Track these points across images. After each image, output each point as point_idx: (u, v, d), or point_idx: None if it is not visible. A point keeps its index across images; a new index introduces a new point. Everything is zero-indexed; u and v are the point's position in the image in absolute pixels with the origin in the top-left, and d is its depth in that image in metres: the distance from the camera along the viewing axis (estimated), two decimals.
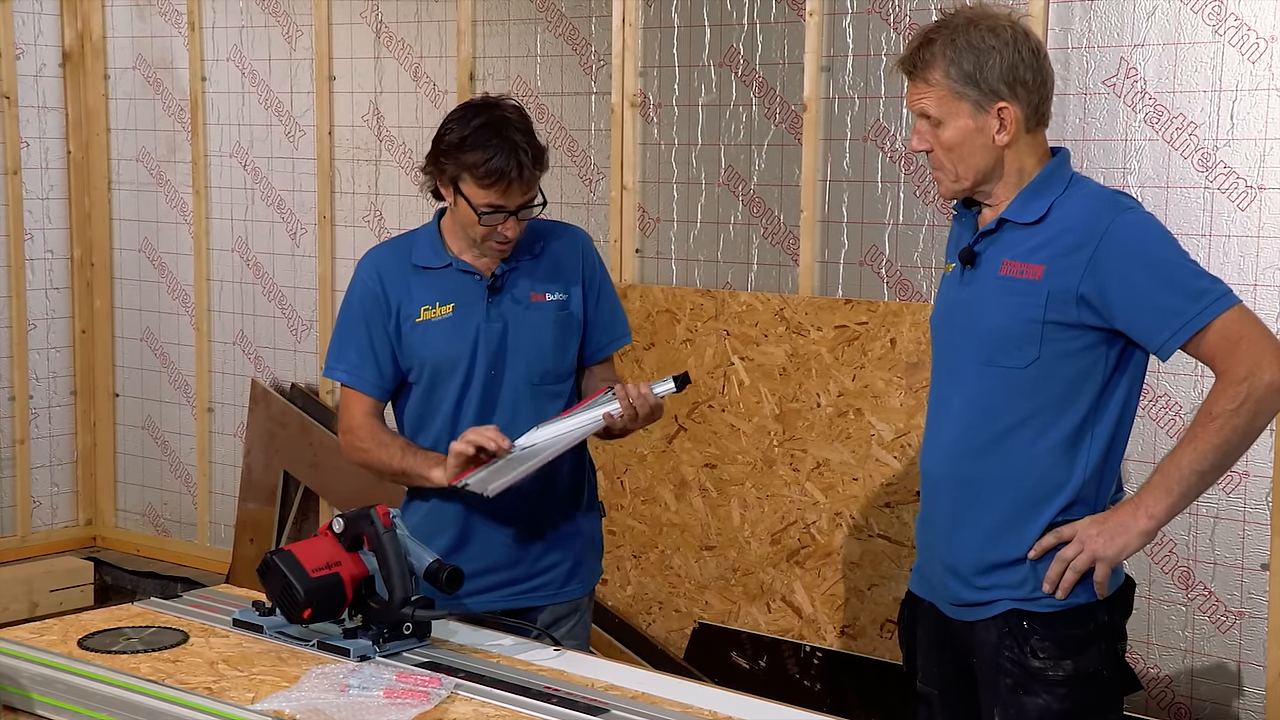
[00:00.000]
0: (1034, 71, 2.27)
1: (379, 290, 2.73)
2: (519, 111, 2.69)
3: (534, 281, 2.75)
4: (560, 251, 2.79)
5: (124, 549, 5.58)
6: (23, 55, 5.37)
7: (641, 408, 2.60)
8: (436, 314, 2.70)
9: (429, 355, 2.71)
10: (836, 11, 3.84)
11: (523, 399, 2.72)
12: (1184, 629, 3.40)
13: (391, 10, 4.77)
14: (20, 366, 5.40)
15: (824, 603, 3.85)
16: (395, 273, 2.74)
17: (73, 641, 2.30)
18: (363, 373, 2.73)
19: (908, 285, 3.79)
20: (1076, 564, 2.22)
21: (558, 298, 2.75)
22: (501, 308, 2.72)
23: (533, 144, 2.64)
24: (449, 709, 2.04)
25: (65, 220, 5.53)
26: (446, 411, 2.72)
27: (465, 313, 2.71)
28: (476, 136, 2.62)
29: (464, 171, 2.62)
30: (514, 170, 2.59)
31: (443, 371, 2.71)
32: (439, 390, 2.71)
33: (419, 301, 2.72)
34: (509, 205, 2.63)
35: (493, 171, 2.59)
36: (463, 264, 2.72)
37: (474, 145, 2.61)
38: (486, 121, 2.63)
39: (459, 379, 2.70)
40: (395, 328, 2.72)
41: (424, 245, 2.76)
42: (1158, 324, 2.19)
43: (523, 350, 2.72)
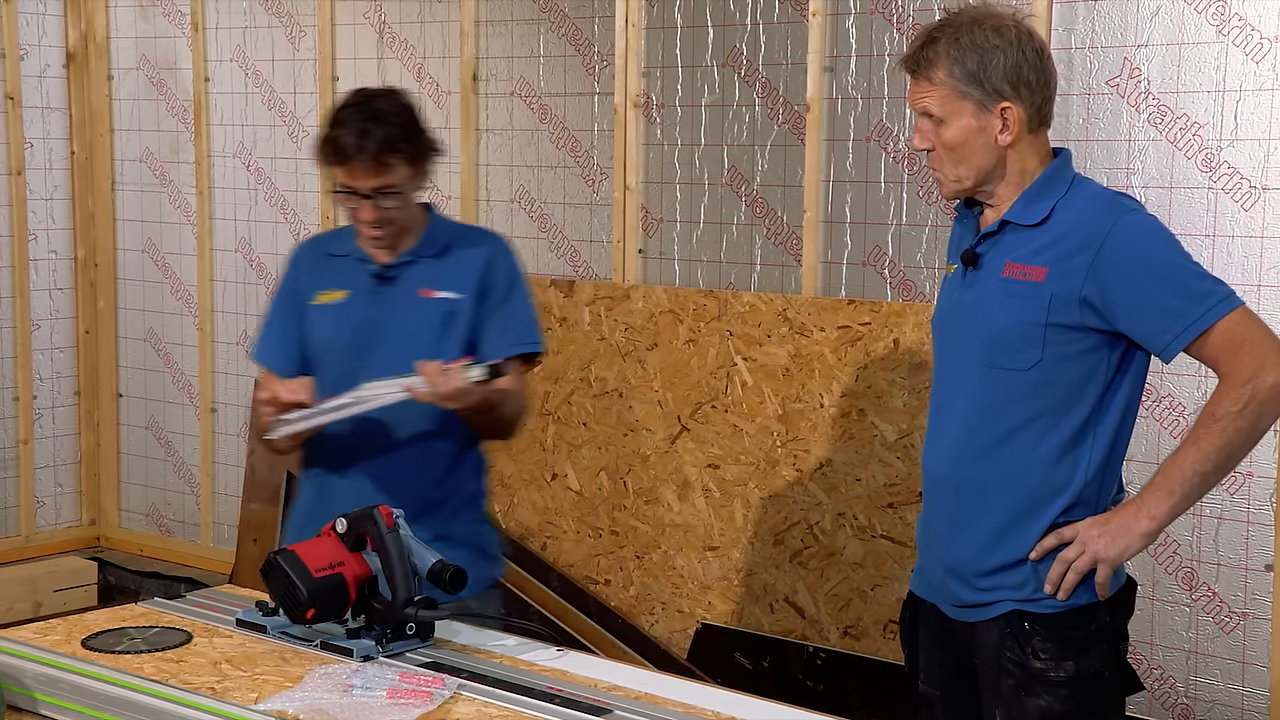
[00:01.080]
0: (1038, 72, 2.26)
1: (294, 276, 2.87)
2: (393, 99, 2.73)
3: (427, 279, 2.79)
4: (466, 255, 2.82)
5: (127, 549, 5.58)
6: (27, 56, 5.37)
7: (441, 387, 2.57)
8: (330, 299, 2.80)
9: (318, 336, 2.81)
10: (839, 12, 3.84)
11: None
12: (1187, 630, 3.39)
13: (395, 11, 4.77)
14: (24, 367, 5.41)
15: (827, 603, 3.85)
16: (309, 260, 2.88)
17: (76, 641, 2.30)
18: (273, 354, 2.85)
19: (911, 286, 3.79)
20: (1078, 565, 2.22)
21: (447, 297, 2.78)
22: (387, 298, 2.77)
23: (388, 128, 2.65)
24: (452, 709, 2.04)
25: (69, 221, 5.54)
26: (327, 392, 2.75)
27: (353, 300, 2.79)
28: (336, 116, 2.70)
29: (320, 149, 2.70)
30: (354, 149, 2.63)
31: (323, 353, 2.79)
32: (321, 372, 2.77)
33: (320, 286, 2.83)
34: (358, 187, 2.68)
35: (336, 148, 2.65)
36: (360, 253, 2.81)
37: (333, 125, 2.69)
38: (353, 103, 2.71)
39: (336, 362, 2.77)
40: (301, 312, 2.83)
41: (343, 234, 2.87)
42: (1161, 326, 2.19)
43: (396, 342, 2.75)
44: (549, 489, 4.36)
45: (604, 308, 4.24)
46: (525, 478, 4.40)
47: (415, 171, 2.73)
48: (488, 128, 4.57)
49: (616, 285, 4.24)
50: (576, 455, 4.29)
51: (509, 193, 4.55)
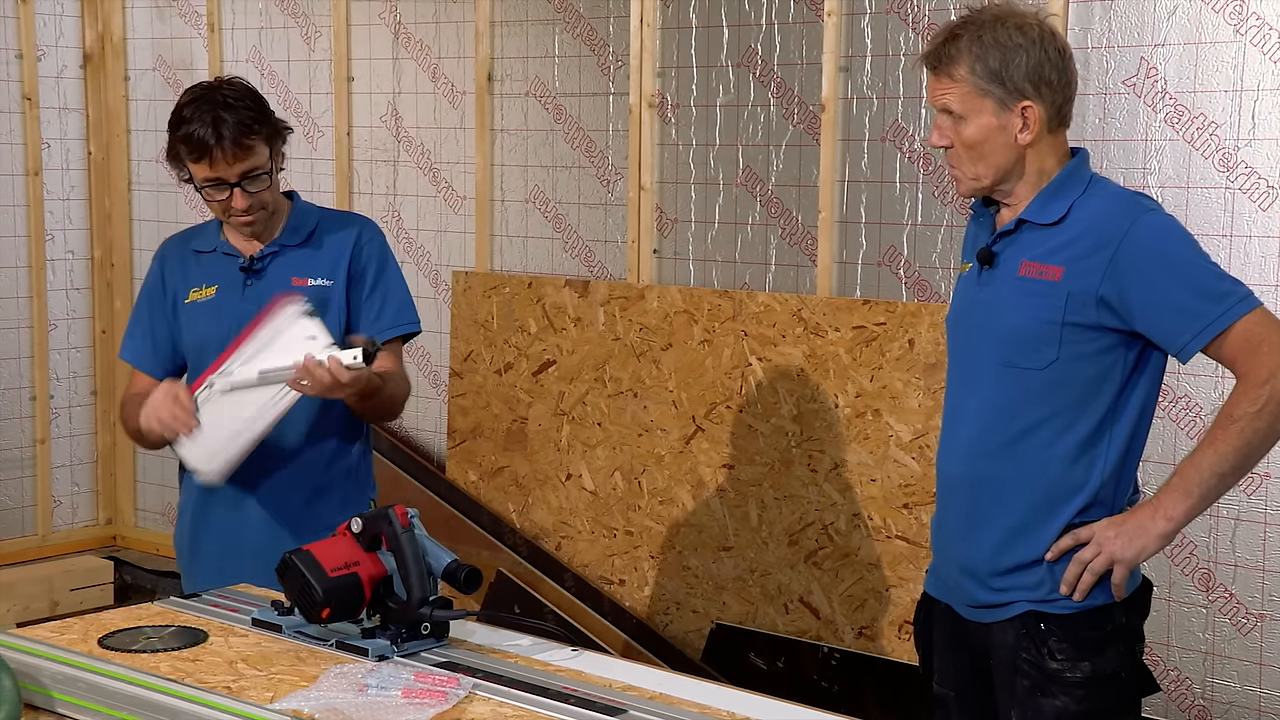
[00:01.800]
0: (1059, 71, 2.26)
1: (159, 275, 2.86)
2: (235, 85, 2.75)
3: (297, 267, 2.80)
4: (333, 240, 2.83)
5: (144, 548, 5.60)
6: (44, 57, 5.39)
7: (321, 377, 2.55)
8: (201, 296, 2.81)
9: (192, 335, 2.82)
10: (855, 12, 3.83)
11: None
12: (1204, 631, 3.38)
13: (410, 11, 4.78)
14: (41, 366, 5.43)
15: (841, 604, 3.84)
16: (175, 257, 2.87)
17: (93, 640, 2.31)
18: (142, 353, 2.86)
19: (926, 286, 3.78)
20: (1094, 566, 2.21)
21: (321, 283, 2.79)
22: (259, 290, 2.77)
23: (239, 112, 2.67)
24: (467, 709, 2.04)
25: (86, 221, 5.56)
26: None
27: (224, 295, 2.80)
28: (184, 112, 2.69)
29: (177, 146, 2.69)
30: (212, 138, 2.64)
31: (203, 352, 2.79)
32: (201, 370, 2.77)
33: (190, 284, 2.83)
34: (226, 177, 2.68)
35: (195, 143, 2.65)
36: (226, 246, 2.81)
37: (181, 121, 2.68)
38: (196, 97, 2.71)
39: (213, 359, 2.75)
40: (171, 310, 2.83)
41: (207, 230, 2.88)
42: (1179, 326, 2.18)
43: None
44: (564, 489, 4.36)
45: (619, 308, 4.24)
46: (540, 478, 4.41)
47: (273, 151, 2.75)
48: (503, 128, 4.57)
49: (631, 285, 4.24)
50: (591, 455, 4.30)
51: (524, 193, 4.55)
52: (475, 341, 4.55)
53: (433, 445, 4.81)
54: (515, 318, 4.46)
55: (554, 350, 4.37)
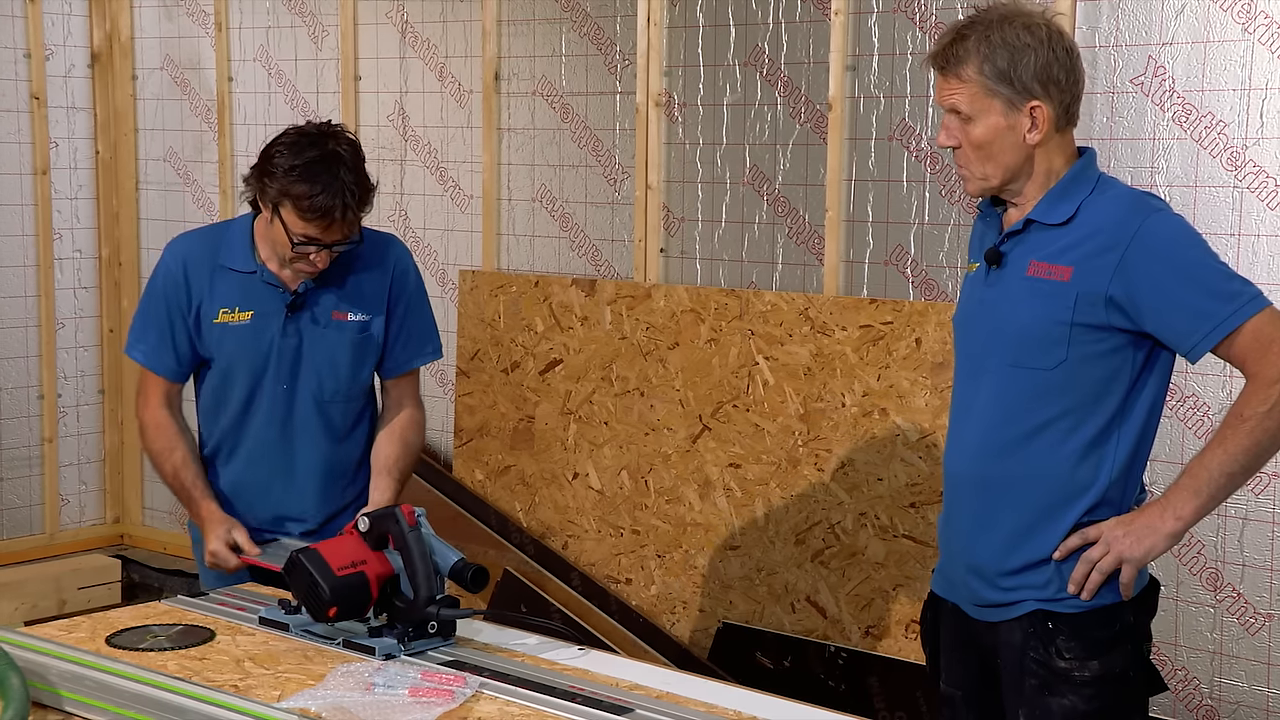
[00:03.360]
0: (1067, 71, 2.25)
1: (182, 280, 2.78)
2: (353, 148, 2.70)
3: (338, 300, 2.78)
4: (370, 270, 2.80)
5: (151, 547, 5.61)
6: (52, 56, 5.40)
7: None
8: (235, 319, 2.76)
9: (223, 356, 2.78)
10: (862, 11, 3.83)
11: (310, 413, 2.80)
12: (1212, 631, 3.37)
13: (417, 10, 4.78)
14: (49, 365, 5.44)
15: (848, 603, 3.84)
16: (200, 266, 2.78)
17: (100, 639, 2.31)
18: (160, 356, 2.82)
19: (933, 285, 3.77)
20: (1102, 565, 2.21)
21: (359, 319, 2.79)
22: (300, 324, 2.76)
23: (361, 185, 2.65)
24: (474, 708, 2.04)
25: (93, 220, 5.57)
26: (235, 410, 2.80)
27: (263, 323, 2.76)
28: (307, 170, 2.62)
29: (287, 200, 2.63)
30: (338, 211, 2.62)
31: (235, 374, 2.78)
32: (231, 389, 2.79)
33: (219, 302, 2.76)
34: (325, 240, 2.66)
35: (317, 209, 2.61)
36: (268, 274, 2.76)
37: (302, 178, 2.61)
38: (320, 156, 2.63)
39: (249, 385, 2.77)
40: (195, 320, 2.78)
41: (234, 245, 2.79)
42: (1188, 327, 2.18)
43: (316, 368, 2.78)
44: (570, 488, 4.36)
45: (625, 307, 4.24)
46: (547, 477, 4.41)
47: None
48: (509, 127, 4.57)
49: (638, 284, 4.24)
50: (598, 454, 4.30)
51: (531, 192, 4.55)
52: (482, 340, 4.56)
53: (439, 444, 4.81)
54: (522, 317, 4.46)
55: (561, 349, 4.37)
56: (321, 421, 2.81)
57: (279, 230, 2.67)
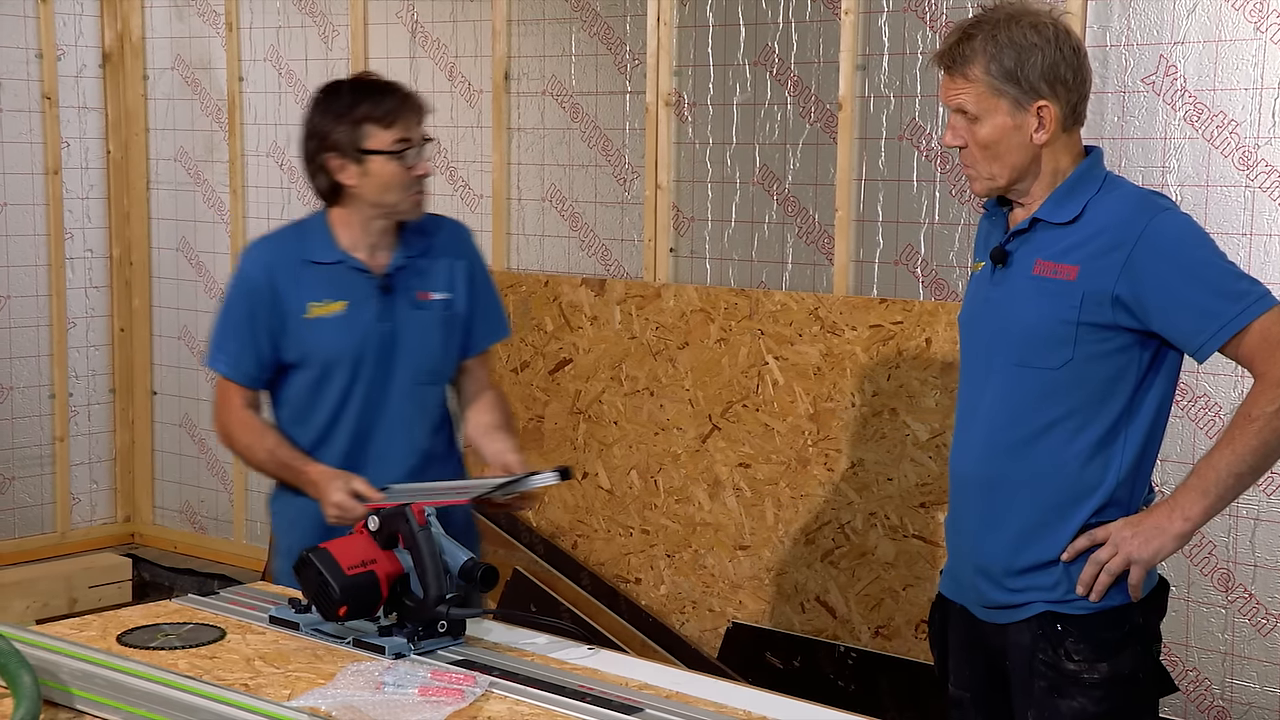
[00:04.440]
0: (1074, 70, 2.25)
1: (266, 284, 2.72)
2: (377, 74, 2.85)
3: (422, 280, 2.78)
4: (445, 248, 2.82)
5: (162, 546, 5.62)
6: (64, 56, 5.42)
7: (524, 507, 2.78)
8: (327, 311, 2.73)
9: (318, 351, 2.74)
10: (872, 10, 3.82)
11: (407, 397, 2.78)
12: (1223, 631, 3.36)
13: (427, 10, 4.78)
14: (60, 364, 5.45)
15: (858, 603, 3.84)
16: (285, 266, 2.75)
17: (111, 637, 2.32)
18: (243, 365, 2.76)
19: (943, 285, 3.77)
20: (1110, 566, 2.21)
21: (443, 297, 2.79)
22: (392, 307, 2.75)
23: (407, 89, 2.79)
24: (483, 707, 2.04)
25: (104, 219, 5.58)
26: (332, 405, 2.75)
27: (357, 311, 2.73)
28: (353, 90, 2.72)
29: (366, 122, 2.67)
30: (406, 99, 2.71)
31: (331, 367, 2.74)
32: (326, 385, 2.75)
33: (308, 297, 2.73)
34: (414, 138, 2.70)
35: (390, 108, 2.69)
36: (355, 261, 2.74)
37: (362, 99, 2.70)
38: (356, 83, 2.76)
39: (346, 376, 2.74)
40: (281, 322, 2.73)
41: (315, 240, 2.78)
42: (1195, 326, 2.17)
43: (411, 350, 2.76)
44: (580, 487, 4.36)
45: (635, 306, 4.24)
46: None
47: None
48: (519, 126, 4.58)
49: (648, 284, 4.24)
50: (607, 454, 4.30)
51: (540, 191, 4.55)
52: None
53: None
54: (532, 316, 4.46)
55: (570, 349, 4.37)
56: (417, 406, 2.79)
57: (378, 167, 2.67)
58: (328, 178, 2.73)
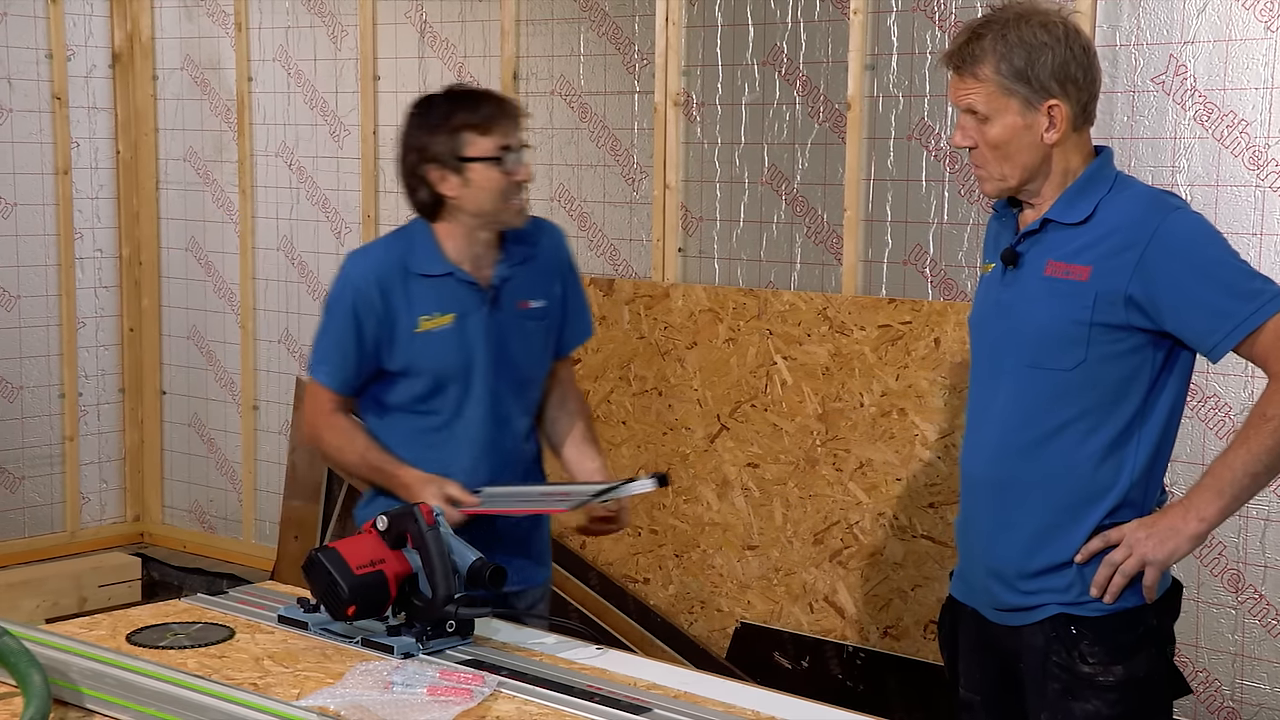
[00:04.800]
0: (1084, 69, 2.24)
1: (377, 296, 2.68)
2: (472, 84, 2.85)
3: (524, 289, 2.77)
4: (544, 255, 2.82)
5: (171, 545, 5.63)
6: (73, 57, 5.43)
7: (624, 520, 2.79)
8: (436, 324, 2.70)
9: (430, 365, 2.70)
10: (881, 10, 3.82)
11: (513, 404, 2.78)
12: (1234, 633, 3.36)
13: (436, 10, 4.79)
14: (70, 364, 5.46)
15: (867, 603, 3.83)
16: (394, 278, 2.70)
17: (121, 636, 2.32)
18: (344, 376, 2.73)
19: (952, 285, 3.76)
20: (1125, 568, 2.20)
21: (540, 304, 2.79)
22: (499, 318, 2.73)
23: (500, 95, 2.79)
24: (492, 707, 2.04)
25: (114, 219, 5.59)
26: (441, 415, 2.72)
27: (465, 324, 2.71)
28: (455, 102, 2.69)
29: (465, 130, 2.65)
30: (501, 104, 2.70)
31: (441, 379, 2.71)
32: (436, 396, 2.72)
33: (418, 310, 2.69)
34: (513, 143, 2.69)
35: (487, 114, 2.67)
36: (463, 274, 2.71)
37: (459, 108, 2.67)
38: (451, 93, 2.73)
39: (457, 387, 2.71)
40: (389, 335, 2.69)
41: (420, 252, 2.72)
42: (1209, 326, 2.16)
43: (516, 358, 2.76)
44: None
45: (643, 306, 4.24)
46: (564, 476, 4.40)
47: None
48: (528, 126, 4.57)
49: (656, 284, 4.24)
50: (616, 454, 4.29)
51: (549, 191, 4.55)
52: None
53: None
54: None
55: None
56: (522, 411, 2.79)
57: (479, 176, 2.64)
58: (429, 190, 2.68)
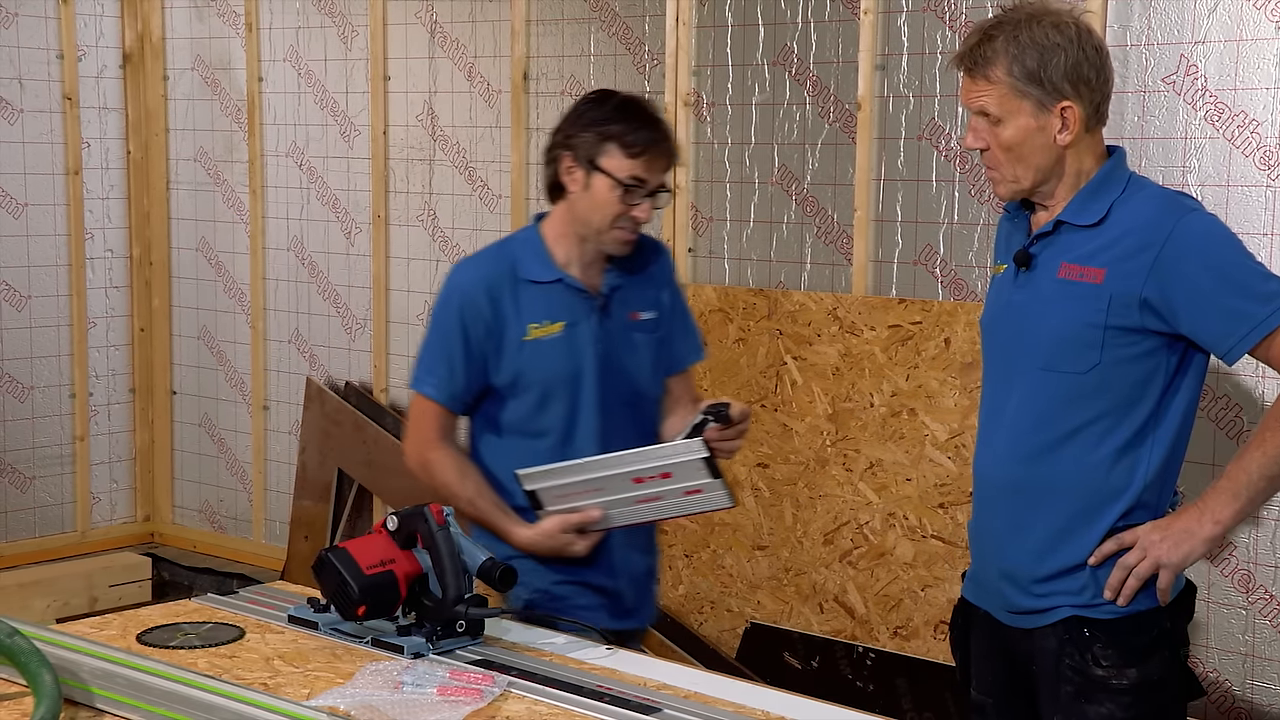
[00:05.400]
0: (1097, 70, 2.23)
1: (485, 306, 2.61)
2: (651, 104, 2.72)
3: (633, 300, 2.69)
4: (651, 268, 2.73)
5: (181, 545, 5.64)
6: (84, 57, 5.44)
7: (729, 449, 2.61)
8: (546, 332, 2.62)
9: (539, 374, 2.63)
10: (891, 10, 3.81)
11: (625, 418, 2.69)
12: (1244, 633, 3.35)
13: (446, 10, 4.79)
14: (80, 364, 5.48)
15: (877, 603, 3.83)
16: (502, 286, 2.62)
17: (131, 636, 2.33)
18: (451, 389, 2.65)
19: (962, 285, 3.76)
20: (1139, 571, 2.19)
21: (650, 316, 2.71)
22: (608, 327, 2.66)
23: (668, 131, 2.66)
24: (502, 707, 2.04)
25: (125, 220, 5.60)
26: (558, 427, 2.64)
27: (575, 332, 2.63)
28: (622, 108, 2.61)
29: (609, 142, 2.56)
30: (662, 141, 2.59)
31: (553, 390, 2.63)
32: (548, 408, 2.64)
33: (527, 318, 2.62)
34: (650, 180, 2.58)
35: (640, 141, 2.56)
36: (572, 280, 2.63)
37: (621, 116, 2.59)
38: (626, 101, 2.64)
39: (569, 398, 2.63)
40: (497, 344, 2.63)
41: (528, 257, 2.66)
42: (1225, 328, 2.15)
43: (625, 371, 2.67)
44: None
45: None
46: None
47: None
48: (538, 126, 4.58)
49: None
50: None
51: None
52: None
53: None
54: None
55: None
56: (634, 427, 2.69)
57: (600, 189, 2.58)
58: (555, 174, 2.65)
